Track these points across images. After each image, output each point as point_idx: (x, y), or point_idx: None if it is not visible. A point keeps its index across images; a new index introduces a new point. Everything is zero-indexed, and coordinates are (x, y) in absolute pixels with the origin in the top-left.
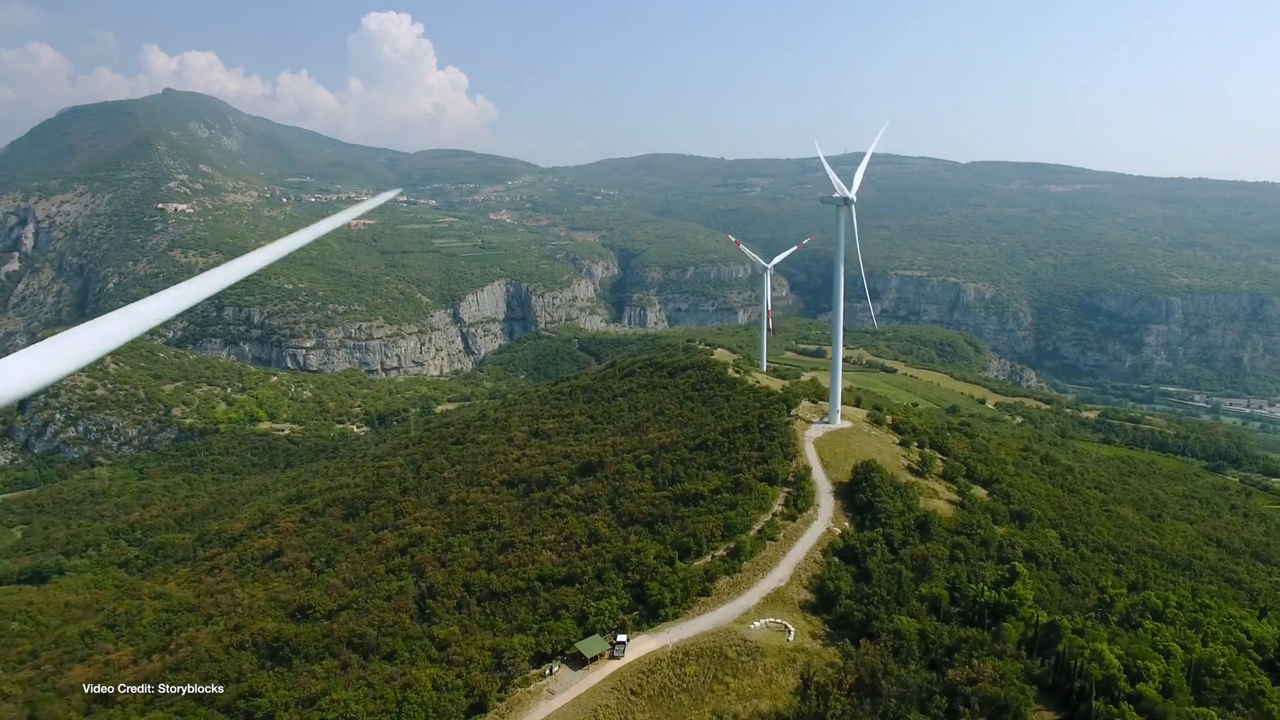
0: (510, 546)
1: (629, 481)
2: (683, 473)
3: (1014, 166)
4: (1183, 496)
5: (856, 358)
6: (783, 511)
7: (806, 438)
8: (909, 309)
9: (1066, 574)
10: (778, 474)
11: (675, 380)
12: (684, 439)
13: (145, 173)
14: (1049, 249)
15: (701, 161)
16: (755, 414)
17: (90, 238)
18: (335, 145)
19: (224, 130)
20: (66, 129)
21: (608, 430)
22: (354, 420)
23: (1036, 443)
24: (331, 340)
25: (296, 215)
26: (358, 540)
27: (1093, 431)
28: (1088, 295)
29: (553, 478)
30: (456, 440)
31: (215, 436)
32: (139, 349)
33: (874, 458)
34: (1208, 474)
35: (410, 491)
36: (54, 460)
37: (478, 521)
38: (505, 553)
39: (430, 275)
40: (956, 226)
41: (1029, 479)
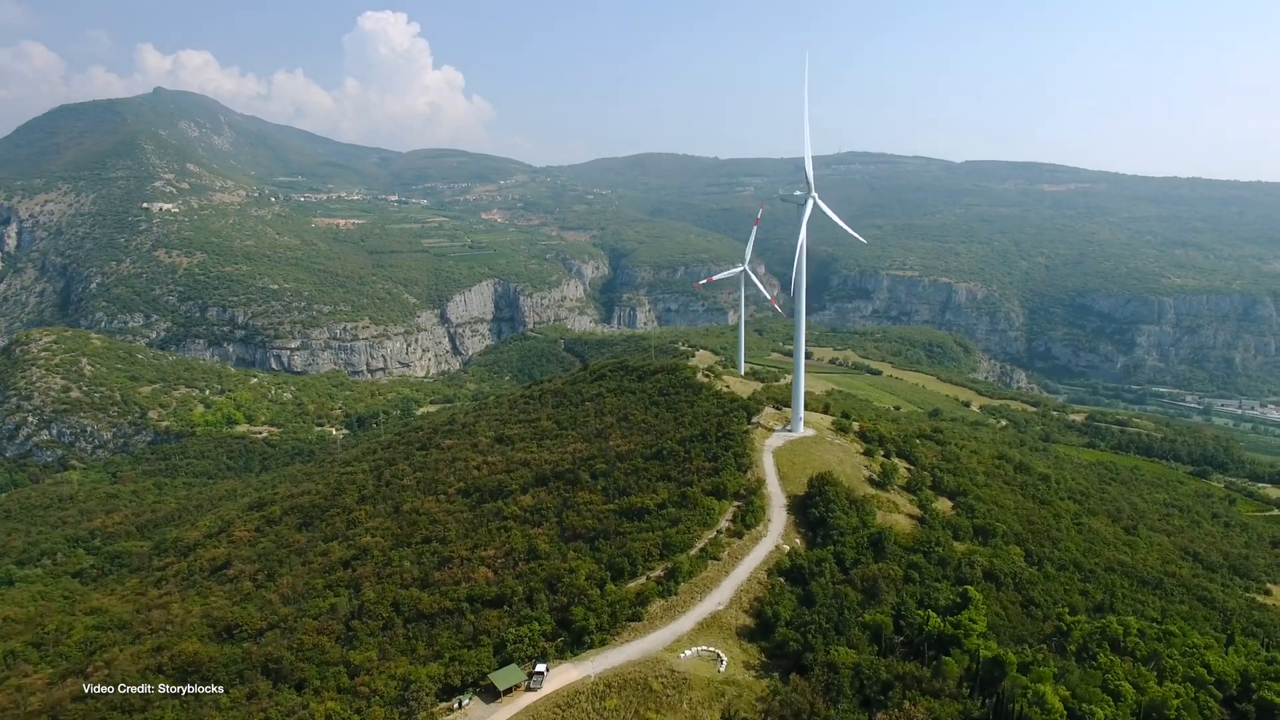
0: (449, 562)
1: (579, 493)
2: (634, 484)
3: (1008, 166)
4: (1163, 505)
5: (843, 359)
6: (729, 528)
7: (766, 447)
8: (900, 309)
9: (1028, 595)
10: (727, 487)
11: (644, 385)
12: (641, 447)
13: (131, 172)
14: (1041, 249)
15: (694, 161)
16: (714, 422)
17: (74, 237)
18: (328, 145)
19: (214, 129)
20: (54, 128)
21: (571, 437)
22: (333, 422)
23: (1017, 447)
24: (316, 341)
25: (285, 214)
26: (306, 551)
27: (1079, 435)
28: (1080, 295)
29: (507, 487)
30: (422, 446)
31: (191, 439)
32: (117, 350)
33: (833, 469)
34: (1192, 479)
35: (368, 500)
36: (26, 464)
37: (424, 533)
38: (444, 568)
39: (418, 275)
40: (949, 226)
41: (998, 490)
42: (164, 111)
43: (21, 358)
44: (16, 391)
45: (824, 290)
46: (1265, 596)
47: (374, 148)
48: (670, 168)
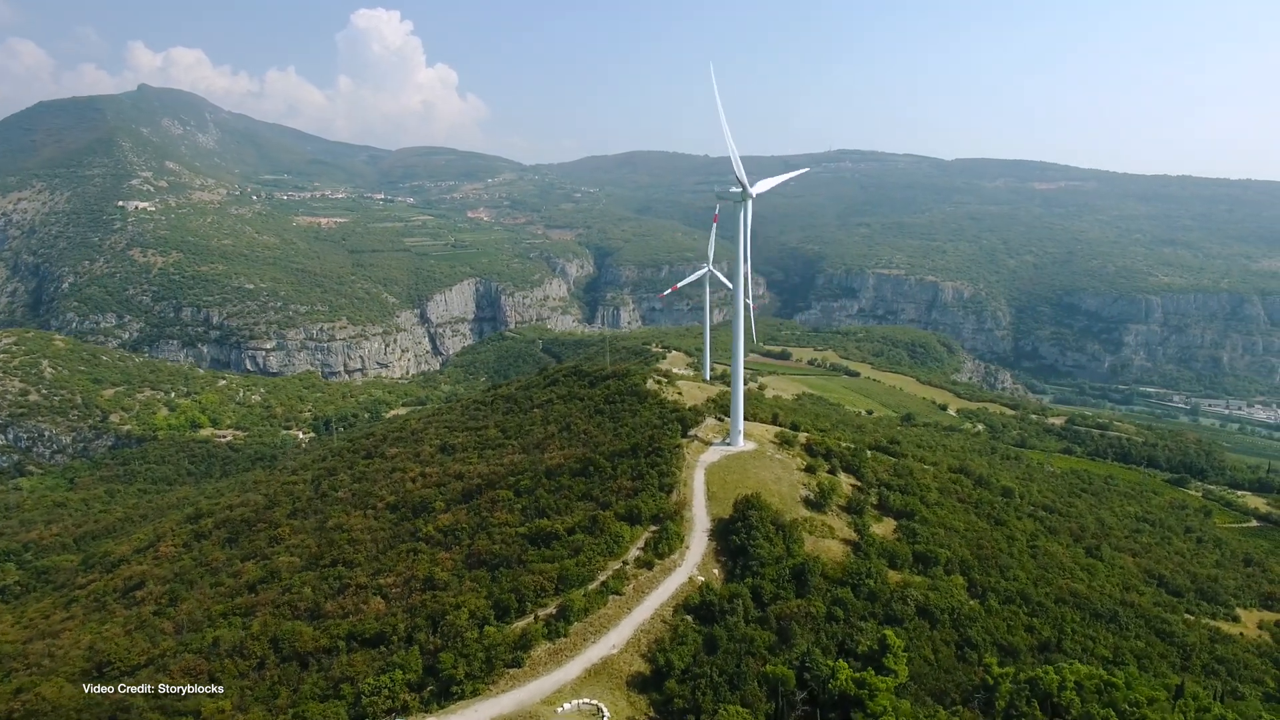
0: (346, 589)
1: (497, 512)
2: (554, 504)
3: (999, 164)
4: (1134, 519)
5: (822, 360)
6: (639, 557)
7: (699, 463)
8: (887, 308)
9: (965, 634)
10: (642, 511)
11: (594, 391)
12: (571, 462)
13: (107, 169)
14: (1030, 247)
15: (684, 159)
16: (647, 435)
17: (47, 236)
18: (317, 143)
19: (199, 127)
20: (32, 125)
21: (511, 447)
22: (301, 426)
23: (987, 455)
24: (292, 342)
25: (266, 213)
26: (222, 571)
27: (1057, 439)
28: (1067, 294)
29: (431, 503)
30: (368, 454)
31: (152, 444)
32: (80, 352)
33: (766, 489)
34: (1169, 489)
35: (299, 513)
36: None
37: (335, 554)
38: (340, 596)
39: (398, 274)
40: (938, 224)
41: (950, 509)
42: (147, 109)
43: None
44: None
45: (809, 289)
46: (1232, 624)
47: (363, 145)
48: (660, 166)
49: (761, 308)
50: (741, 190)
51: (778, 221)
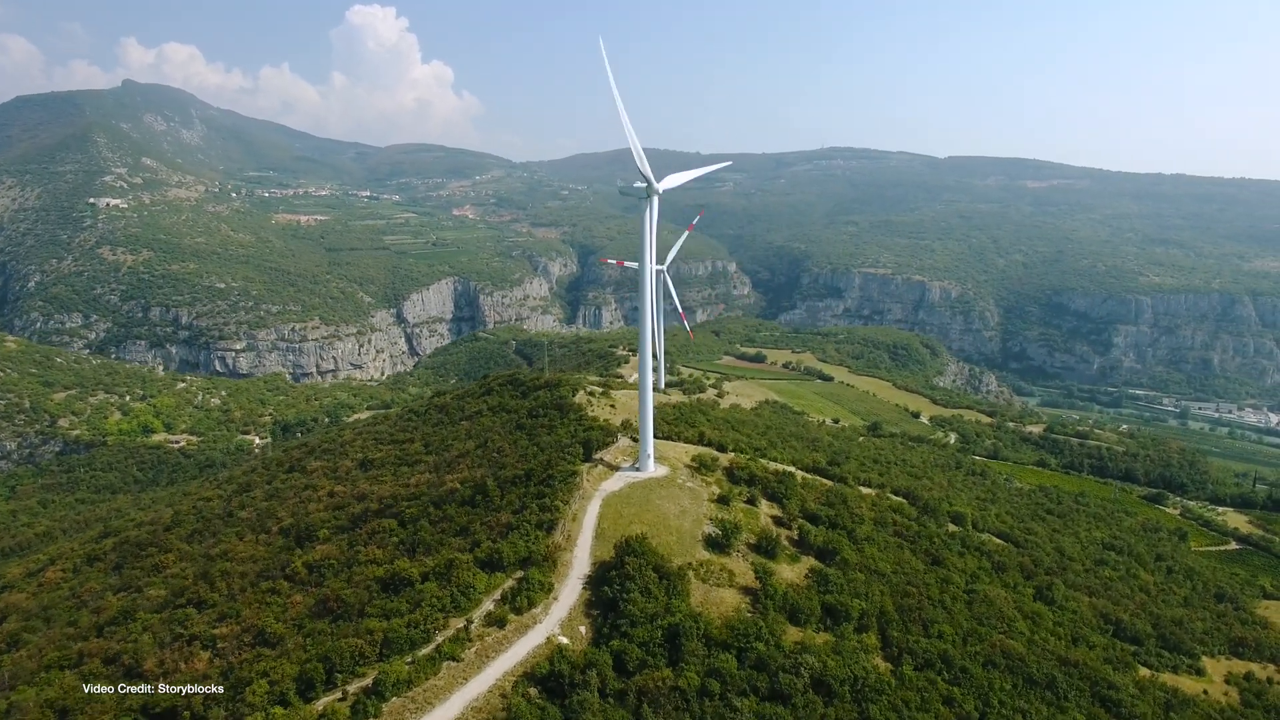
0: (178, 640)
1: (371, 546)
2: (430, 539)
3: (991, 162)
4: (1099, 546)
5: (797, 363)
6: (491, 612)
7: (599, 493)
8: (873, 308)
9: (867, 713)
10: (506, 555)
11: (524, 403)
12: (464, 488)
13: (80, 166)
14: (1020, 246)
15: (674, 156)
16: (544, 459)
17: (15, 233)
18: (307, 140)
19: (184, 123)
20: (9, 120)
21: (426, 465)
22: (260, 430)
23: (952, 470)
24: (263, 342)
25: (244, 210)
26: (87, 606)
27: (1034, 448)
28: (1056, 294)
29: (317, 530)
30: (291, 468)
31: (101, 450)
32: (33, 354)
33: (660, 525)
34: (1144, 507)
35: (197, 535)
36: None
37: (194, 592)
38: (170, 647)
39: (375, 273)
40: (927, 223)
41: (882, 544)
42: (129, 104)
43: None
44: None
45: (794, 289)
46: (1195, 680)
47: (351, 142)
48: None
49: (746, 308)
50: (646, 186)
51: (765, 220)
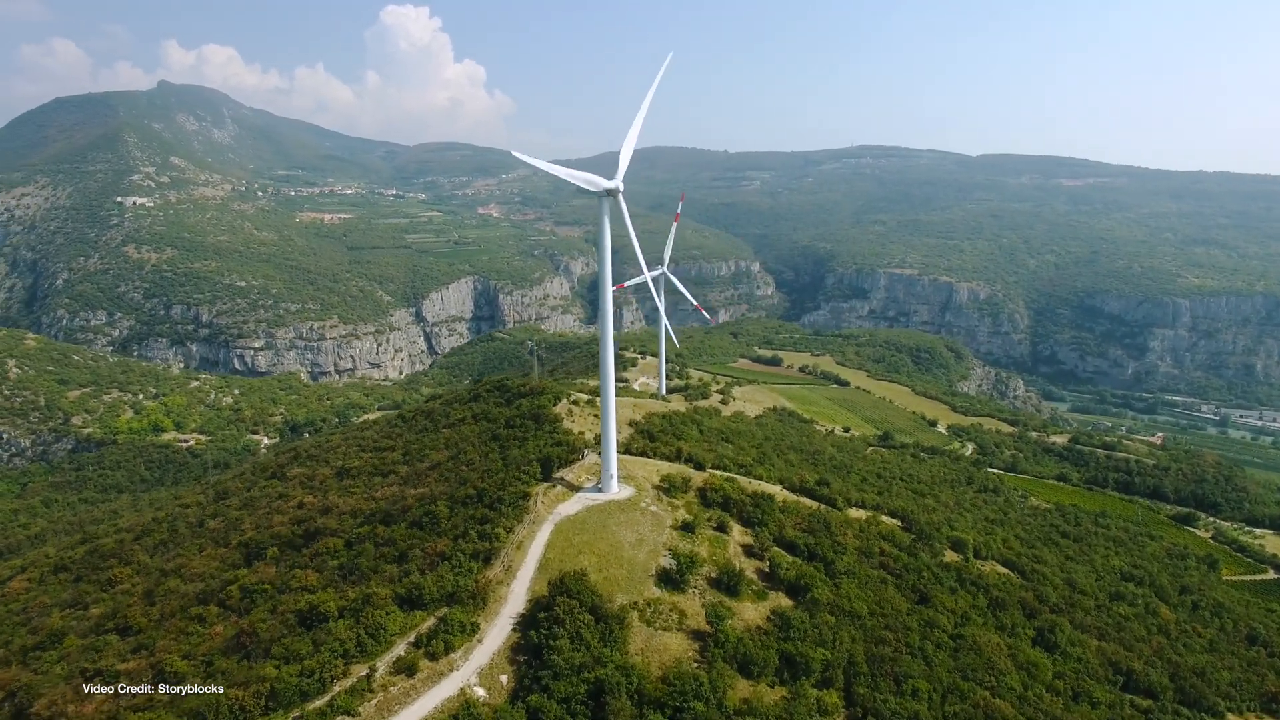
0: (81, 675)
1: (308, 571)
2: (367, 565)
3: (1025, 159)
4: (1119, 575)
5: (814, 366)
6: (402, 658)
7: (552, 517)
8: (899, 309)
9: None
10: (427, 591)
11: (506, 411)
12: (418, 506)
13: (110, 165)
14: (1052, 246)
15: (702, 154)
16: (499, 479)
17: (46, 232)
18: (337, 139)
19: (216, 122)
20: (46, 121)
21: (395, 477)
22: (269, 430)
23: (963, 486)
24: (281, 341)
25: (269, 209)
26: (31, 622)
27: (1057, 460)
28: (1089, 296)
29: (266, 549)
30: (273, 474)
31: (111, 448)
32: (51, 352)
33: (611, 557)
34: (1171, 529)
35: (164, 545)
36: None
37: (125, 616)
38: (68, 682)
39: (395, 272)
40: (956, 222)
41: (863, 579)
42: (163, 105)
43: None
44: None
45: (819, 289)
46: None
47: (381, 141)
48: (678, 161)
49: (769, 308)
50: (607, 188)
51: (791, 218)
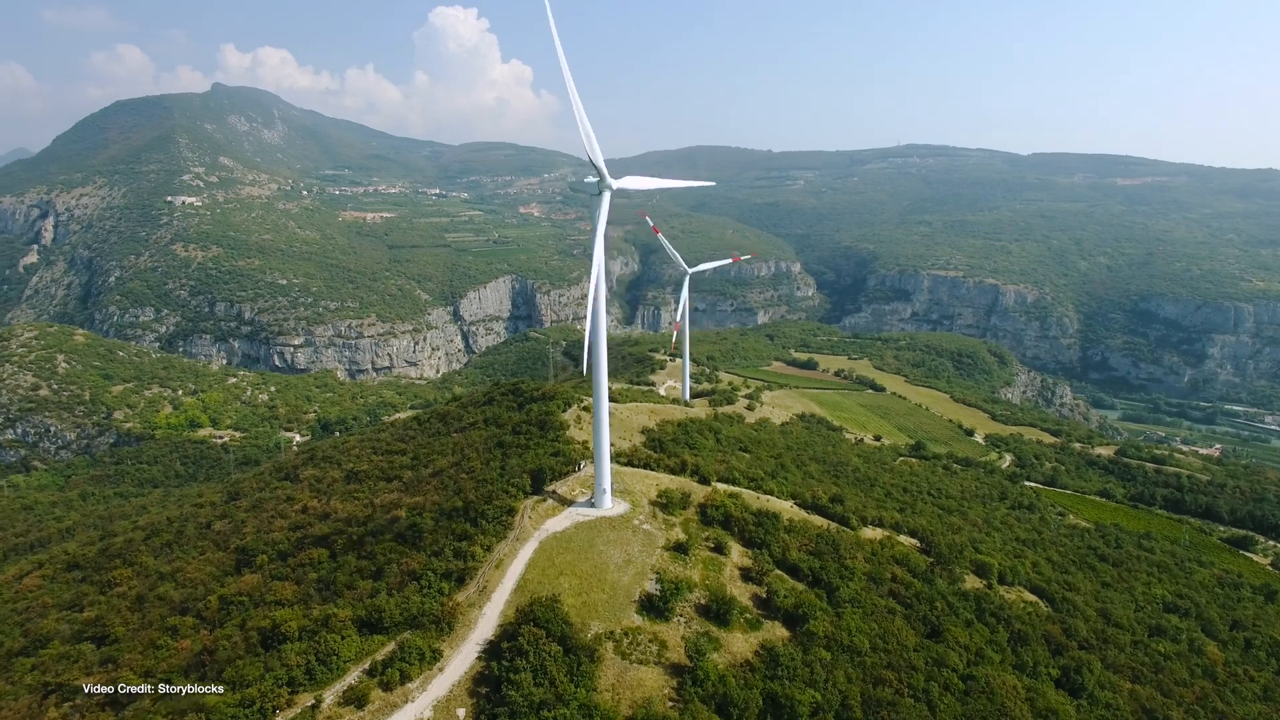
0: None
1: (286, 584)
2: (344, 580)
3: (1079, 158)
4: (1161, 606)
5: (850, 370)
6: (353, 688)
7: (539, 533)
8: (942, 312)
9: None
10: (387, 614)
11: (516, 415)
12: (409, 516)
13: (162, 165)
14: (1105, 248)
15: (746, 154)
16: (485, 491)
17: (101, 231)
18: (384, 139)
19: (266, 123)
20: (106, 123)
21: (401, 482)
22: (302, 428)
23: (996, 501)
24: (320, 338)
25: (313, 208)
26: (22, 626)
27: (1102, 474)
28: (1144, 300)
29: (256, 557)
30: (287, 475)
31: (149, 443)
32: (97, 347)
33: (594, 580)
34: (1225, 552)
35: (169, 548)
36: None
37: (110, 624)
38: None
39: (433, 271)
40: (1004, 222)
41: (869, 608)
42: (215, 106)
43: (1, 353)
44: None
45: (860, 291)
46: None
47: (426, 140)
48: (721, 160)
49: (809, 310)
50: (599, 181)
51: (833, 219)
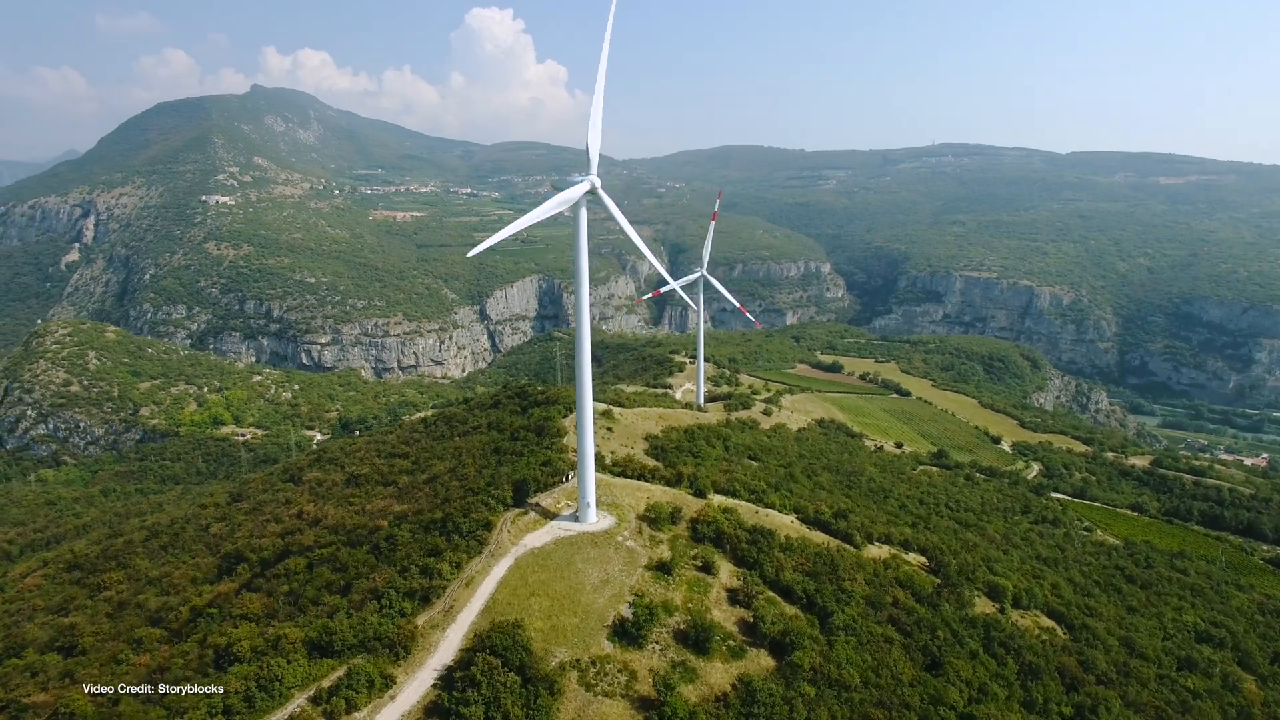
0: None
1: (258, 596)
2: (312, 594)
3: (1119, 157)
4: (1193, 635)
5: (876, 374)
6: (296, 716)
7: (516, 548)
8: (975, 314)
9: None
10: (338, 636)
11: (519, 420)
12: (390, 526)
13: (198, 165)
14: (1145, 249)
15: (778, 153)
16: (465, 503)
17: (138, 229)
18: (418, 139)
19: (301, 124)
20: (148, 125)
21: (397, 488)
22: (323, 427)
23: (1018, 515)
24: (347, 337)
25: (344, 207)
26: (12, 628)
27: (1136, 485)
28: (1186, 302)
29: (238, 563)
30: (292, 477)
31: (172, 440)
32: (127, 344)
33: (567, 601)
34: (1268, 576)
35: (166, 549)
36: (22, 458)
37: (81, 633)
38: None
39: (460, 270)
40: (1040, 223)
41: (865, 635)
42: (252, 107)
43: (35, 349)
44: (20, 384)
45: (891, 293)
46: None
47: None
48: (752, 159)
49: (838, 311)
50: (582, 177)
51: (865, 218)
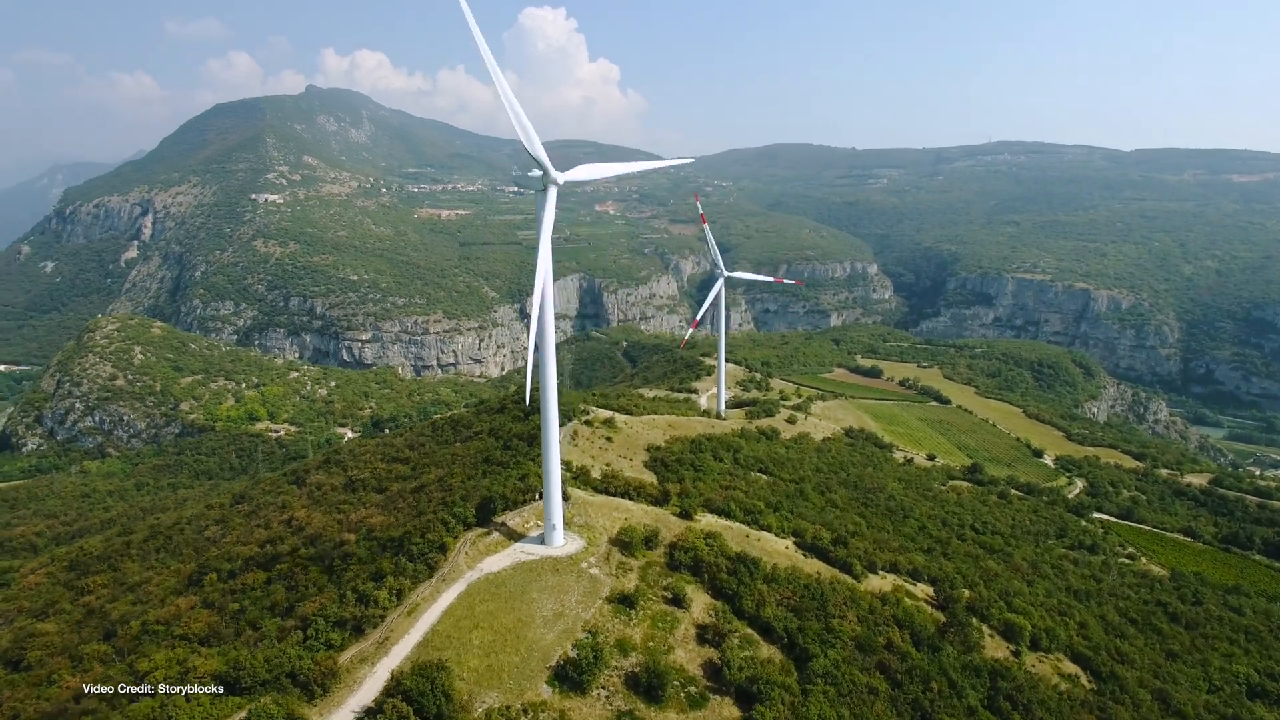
0: None
1: (202, 615)
2: (255, 613)
3: (1187, 154)
4: (1245, 688)
5: (916, 380)
6: None
7: (471, 573)
8: (1027, 318)
9: None
10: (248, 671)
11: (519, 427)
12: (353, 540)
13: (250, 165)
14: (1214, 250)
15: (828, 151)
16: (423, 521)
17: (192, 227)
18: (470, 138)
19: (354, 123)
20: (206, 126)
21: (385, 496)
22: (355, 424)
23: (1052, 540)
24: (387, 334)
25: (390, 205)
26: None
27: (1192, 506)
28: (1257, 308)
29: (206, 574)
30: (296, 479)
31: (209, 435)
32: (171, 340)
33: (501, 637)
34: None
35: (157, 554)
36: (71, 449)
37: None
38: None
39: (502, 268)
40: (1100, 223)
41: (847, 685)
42: (306, 107)
43: (86, 344)
44: (70, 378)
45: (939, 295)
46: None
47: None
48: (801, 158)
49: (885, 313)
50: (542, 175)
51: (915, 218)
